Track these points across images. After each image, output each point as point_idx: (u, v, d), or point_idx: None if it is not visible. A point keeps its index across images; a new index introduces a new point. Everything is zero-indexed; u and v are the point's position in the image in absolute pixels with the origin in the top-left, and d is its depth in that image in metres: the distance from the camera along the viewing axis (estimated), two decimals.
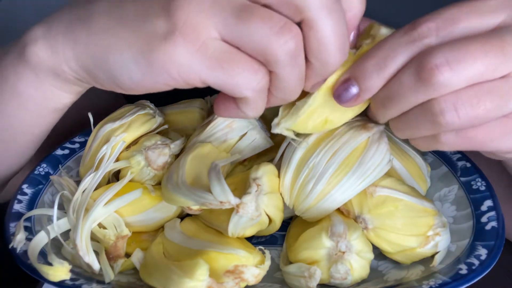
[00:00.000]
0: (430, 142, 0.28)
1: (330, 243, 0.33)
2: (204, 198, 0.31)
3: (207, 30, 0.24)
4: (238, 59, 0.25)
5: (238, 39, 0.25)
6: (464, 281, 0.31)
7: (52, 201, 0.40)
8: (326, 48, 0.25)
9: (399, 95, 0.26)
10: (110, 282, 0.34)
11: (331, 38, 0.25)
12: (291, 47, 0.24)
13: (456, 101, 0.25)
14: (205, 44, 0.24)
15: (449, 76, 0.24)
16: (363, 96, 0.28)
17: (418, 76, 0.25)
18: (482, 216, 0.36)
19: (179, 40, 0.24)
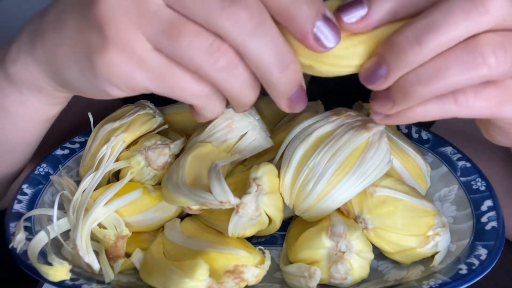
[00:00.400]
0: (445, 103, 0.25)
1: (330, 243, 0.33)
2: (204, 198, 0.31)
3: (140, 42, 0.24)
4: (177, 72, 0.25)
5: (171, 55, 0.24)
6: (464, 281, 0.31)
7: (52, 201, 0.40)
8: (262, 69, 0.24)
9: (444, 23, 0.22)
10: (110, 282, 0.34)
11: (263, 60, 0.24)
12: (222, 64, 0.24)
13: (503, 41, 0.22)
14: (142, 57, 0.24)
15: (505, 5, 0.22)
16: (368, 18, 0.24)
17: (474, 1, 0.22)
18: (482, 216, 0.36)
19: (114, 52, 0.24)
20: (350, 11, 0.24)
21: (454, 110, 0.25)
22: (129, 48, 0.24)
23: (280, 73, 0.24)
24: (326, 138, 0.36)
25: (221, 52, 0.23)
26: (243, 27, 0.23)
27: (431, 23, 0.22)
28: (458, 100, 0.24)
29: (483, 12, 0.22)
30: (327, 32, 0.24)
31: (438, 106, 0.25)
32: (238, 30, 0.23)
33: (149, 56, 0.24)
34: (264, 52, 0.23)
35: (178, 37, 0.23)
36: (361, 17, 0.24)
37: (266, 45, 0.23)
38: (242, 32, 0.23)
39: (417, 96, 0.24)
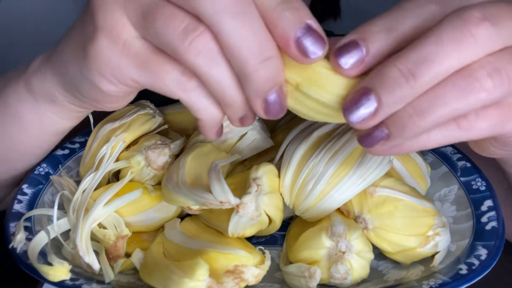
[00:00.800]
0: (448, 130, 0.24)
1: (330, 243, 0.33)
2: (204, 198, 0.31)
3: (126, 29, 0.24)
4: (162, 61, 0.24)
5: (151, 40, 0.24)
6: (464, 281, 0.31)
7: (52, 201, 0.40)
8: (237, 56, 0.22)
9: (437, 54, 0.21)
10: (110, 282, 0.34)
11: (239, 45, 0.22)
12: (199, 47, 0.22)
13: (496, 62, 0.22)
14: (127, 43, 0.24)
15: (492, 31, 0.21)
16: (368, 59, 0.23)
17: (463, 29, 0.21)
18: (482, 216, 0.36)
19: (102, 39, 0.25)
20: (347, 54, 0.23)
21: (458, 135, 0.24)
22: (115, 34, 0.24)
23: (257, 65, 0.22)
24: (326, 138, 0.36)
25: (196, 34, 0.22)
26: (218, 3, 0.21)
27: (424, 55, 0.22)
28: (461, 125, 0.23)
29: (472, 43, 0.21)
30: (310, 42, 0.22)
31: (441, 134, 0.24)
32: (212, 7, 0.21)
33: (134, 43, 0.24)
34: (240, 36, 0.22)
35: (155, 18, 0.23)
36: (360, 60, 0.23)
37: (243, 28, 0.22)
38: (217, 9, 0.21)
39: (417, 128, 0.23)
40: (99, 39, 0.25)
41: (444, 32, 0.22)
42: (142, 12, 0.24)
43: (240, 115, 0.26)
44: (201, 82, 0.24)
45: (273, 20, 0.22)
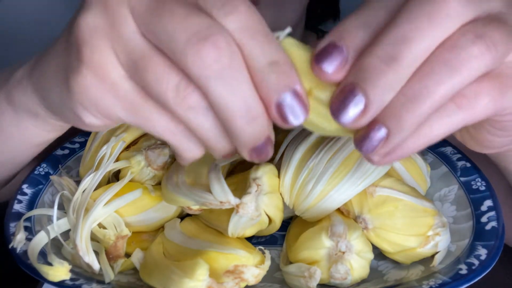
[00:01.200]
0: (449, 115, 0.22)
1: (330, 243, 0.33)
2: (204, 198, 0.31)
3: (114, 68, 0.23)
4: (151, 106, 0.24)
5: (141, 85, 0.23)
6: (464, 281, 0.31)
7: (52, 201, 0.40)
8: (225, 117, 0.22)
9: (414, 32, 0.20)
10: (110, 282, 0.34)
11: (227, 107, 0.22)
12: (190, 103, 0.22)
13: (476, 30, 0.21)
14: (115, 84, 0.23)
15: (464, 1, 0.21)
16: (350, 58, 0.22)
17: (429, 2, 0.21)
18: (482, 216, 0.36)
19: (87, 75, 0.23)
20: (328, 58, 0.22)
21: (461, 117, 0.22)
22: (103, 72, 0.23)
23: (244, 125, 0.22)
24: (326, 138, 0.36)
25: (187, 92, 0.22)
26: (207, 68, 0.21)
27: (400, 35, 0.20)
28: (461, 105, 0.22)
29: (445, 13, 0.21)
30: (291, 109, 0.22)
31: (443, 121, 0.22)
32: (202, 71, 0.21)
33: (123, 84, 0.23)
34: (229, 100, 0.21)
35: (147, 71, 0.22)
36: (343, 61, 0.22)
37: (232, 92, 0.21)
38: (206, 73, 0.21)
39: (415, 117, 0.21)
40: (85, 75, 0.23)
41: (414, 8, 0.21)
42: (132, 59, 0.23)
43: (224, 154, 0.26)
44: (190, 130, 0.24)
45: (258, 81, 0.22)
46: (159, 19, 0.22)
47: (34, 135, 0.35)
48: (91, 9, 0.23)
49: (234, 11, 0.21)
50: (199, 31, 0.21)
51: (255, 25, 0.22)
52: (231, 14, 0.21)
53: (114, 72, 0.23)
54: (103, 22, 0.23)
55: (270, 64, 0.22)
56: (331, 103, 0.22)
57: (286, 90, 0.22)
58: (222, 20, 0.21)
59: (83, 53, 0.23)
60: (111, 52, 0.23)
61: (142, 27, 0.22)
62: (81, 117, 0.25)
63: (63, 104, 0.27)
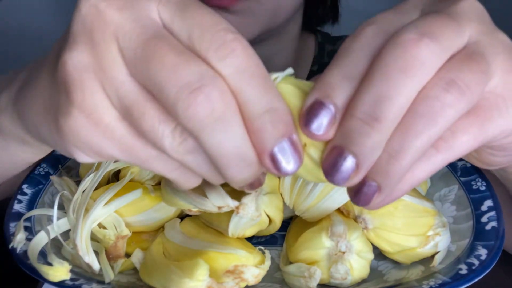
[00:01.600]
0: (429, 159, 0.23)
1: (330, 243, 0.33)
2: (202, 204, 0.31)
3: (107, 110, 0.22)
4: (147, 147, 0.23)
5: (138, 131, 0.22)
6: (464, 281, 0.31)
7: (52, 201, 0.40)
8: (219, 165, 0.22)
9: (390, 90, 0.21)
10: (110, 282, 0.34)
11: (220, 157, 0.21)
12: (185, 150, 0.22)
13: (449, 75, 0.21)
14: (110, 127, 0.23)
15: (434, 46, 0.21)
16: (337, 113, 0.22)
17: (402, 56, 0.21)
18: (482, 216, 0.36)
19: (79, 118, 0.22)
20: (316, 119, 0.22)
21: (440, 159, 0.22)
22: (96, 115, 0.22)
23: (237, 172, 0.22)
24: None
25: (183, 138, 0.22)
26: (200, 121, 0.20)
27: (378, 95, 0.21)
28: (439, 148, 0.22)
29: (419, 65, 0.21)
30: (285, 159, 0.22)
31: (425, 165, 0.22)
32: (194, 124, 0.20)
33: (117, 126, 0.23)
34: (223, 151, 0.21)
35: (141, 117, 0.22)
36: (331, 121, 0.22)
37: (226, 143, 0.21)
38: (198, 126, 0.20)
39: (400, 169, 0.21)
40: (76, 118, 0.22)
41: (389, 64, 0.21)
42: (126, 105, 0.22)
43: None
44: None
45: (253, 129, 0.21)
46: (149, 66, 0.21)
47: (23, 158, 0.34)
48: (77, 45, 0.22)
49: (231, 54, 0.21)
50: (190, 83, 0.20)
51: (252, 68, 0.21)
52: (227, 57, 0.21)
53: (107, 115, 0.22)
54: (92, 62, 0.22)
55: (266, 111, 0.21)
56: (323, 164, 0.22)
57: (281, 140, 0.21)
58: (217, 64, 0.21)
59: (73, 95, 0.22)
60: (102, 94, 0.22)
61: (134, 71, 0.21)
62: (74, 155, 0.25)
63: (53, 141, 0.26)
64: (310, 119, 0.22)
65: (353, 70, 0.22)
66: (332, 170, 0.22)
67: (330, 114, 0.22)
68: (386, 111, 0.21)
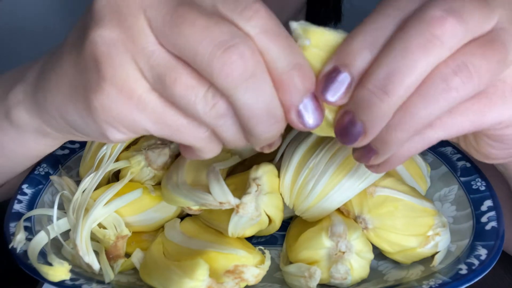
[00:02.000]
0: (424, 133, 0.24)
1: (330, 243, 0.33)
2: (204, 199, 0.31)
3: (140, 84, 0.23)
4: (178, 116, 0.23)
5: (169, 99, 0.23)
6: (464, 281, 0.31)
7: (52, 201, 0.40)
8: (249, 123, 0.23)
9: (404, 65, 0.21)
10: (110, 282, 0.34)
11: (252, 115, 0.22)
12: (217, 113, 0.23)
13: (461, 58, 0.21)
14: (142, 99, 0.23)
15: (458, 27, 0.21)
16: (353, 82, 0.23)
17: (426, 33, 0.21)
18: (482, 216, 0.36)
19: (112, 92, 0.23)
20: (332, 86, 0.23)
21: (435, 135, 0.23)
22: (128, 88, 0.23)
23: (265, 130, 0.23)
24: (326, 138, 0.36)
25: (215, 101, 0.22)
26: (234, 79, 0.21)
27: (393, 68, 0.21)
28: (434, 124, 0.23)
29: (439, 45, 0.21)
30: (310, 113, 0.23)
31: (420, 139, 0.24)
32: (229, 82, 0.21)
33: (149, 97, 0.23)
34: (254, 108, 0.22)
35: (173, 84, 0.22)
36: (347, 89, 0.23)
37: (257, 101, 0.22)
38: (233, 84, 0.21)
39: (397, 141, 0.23)
40: (108, 92, 0.23)
41: (409, 39, 0.21)
42: (157, 73, 0.22)
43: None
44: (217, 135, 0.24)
45: (282, 84, 0.22)
46: (180, 31, 0.21)
47: (37, 150, 0.34)
48: (104, 22, 0.22)
49: (255, 16, 0.21)
50: (222, 42, 0.21)
51: (275, 28, 0.22)
52: (252, 18, 0.21)
53: (139, 87, 0.23)
54: (121, 36, 0.22)
55: (293, 67, 0.22)
56: (335, 127, 0.24)
57: (308, 94, 0.23)
58: (243, 25, 0.21)
59: (104, 69, 0.22)
60: (133, 66, 0.22)
61: (163, 40, 0.22)
62: (106, 134, 0.25)
63: (84, 123, 0.26)
64: (327, 86, 0.23)
65: (376, 39, 0.22)
66: (342, 132, 0.23)
67: (347, 83, 0.22)
68: (397, 86, 0.21)
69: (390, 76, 0.21)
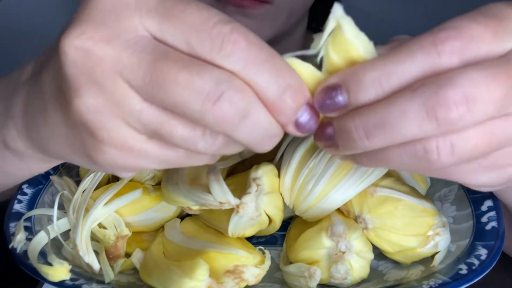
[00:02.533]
0: None
1: (330, 243, 0.33)
2: (204, 199, 0.31)
3: (135, 138, 0.23)
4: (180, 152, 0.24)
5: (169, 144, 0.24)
6: (464, 281, 0.31)
7: (52, 201, 0.40)
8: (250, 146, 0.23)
9: (395, 125, 0.21)
10: (110, 282, 0.34)
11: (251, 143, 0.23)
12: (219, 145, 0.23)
13: (456, 140, 0.22)
14: (143, 150, 0.23)
15: (464, 115, 0.21)
16: (349, 107, 0.23)
17: (430, 110, 0.21)
18: (482, 216, 0.36)
19: (112, 152, 0.23)
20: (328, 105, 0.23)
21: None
22: (126, 146, 0.23)
23: (266, 144, 0.23)
24: None
25: (215, 138, 0.23)
26: (230, 123, 0.21)
27: (383, 122, 0.22)
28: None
29: (436, 125, 0.21)
30: (307, 121, 0.23)
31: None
32: (224, 127, 0.21)
33: (149, 147, 0.23)
34: (253, 137, 0.22)
35: (170, 136, 0.22)
36: (339, 109, 0.23)
37: (255, 131, 0.22)
38: (229, 128, 0.21)
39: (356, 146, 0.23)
40: (109, 152, 0.23)
41: (414, 105, 0.21)
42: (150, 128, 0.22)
43: None
44: None
45: (276, 109, 0.22)
46: (165, 91, 0.21)
47: (38, 170, 0.34)
48: (83, 91, 0.22)
49: (235, 49, 0.21)
50: (210, 93, 0.20)
51: (259, 55, 0.21)
52: (233, 53, 0.21)
53: (137, 141, 0.23)
54: (105, 103, 0.22)
55: (284, 91, 0.22)
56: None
57: (303, 109, 0.23)
58: (225, 63, 0.21)
59: (98, 134, 0.22)
60: (126, 127, 0.22)
61: (148, 98, 0.22)
62: (114, 174, 0.26)
63: (89, 167, 0.27)
64: (322, 98, 0.23)
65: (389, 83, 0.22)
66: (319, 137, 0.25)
67: (342, 104, 0.23)
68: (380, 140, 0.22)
69: (379, 128, 0.22)
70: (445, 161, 0.22)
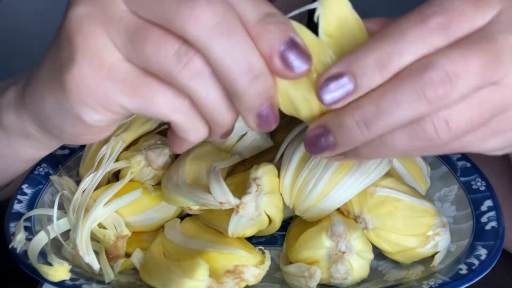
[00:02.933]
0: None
1: (330, 243, 0.33)
2: (204, 199, 0.31)
3: (110, 52, 0.23)
4: (153, 84, 0.23)
5: (140, 63, 0.23)
6: (464, 281, 0.31)
7: (52, 201, 0.40)
8: (227, 76, 0.22)
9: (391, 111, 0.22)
10: (110, 282, 0.34)
11: (227, 65, 0.21)
12: (192, 70, 0.22)
13: (448, 115, 0.22)
14: (113, 68, 0.23)
15: (451, 91, 0.22)
16: (356, 95, 0.23)
17: (420, 91, 0.22)
18: (482, 216, 0.36)
19: (83, 64, 0.23)
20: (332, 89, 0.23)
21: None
22: (99, 58, 0.23)
23: (247, 83, 0.22)
24: None
25: (188, 57, 0.22)
26: (204, 26, 0.21)
27: (380, 110, 0.22)
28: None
29: (426, 103, 0.22)
30: (295, 56, 0.22)
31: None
32: (198, 30, 0.21)
33: (121, 67, 0.23)
34: (229, 57, 0.21)
35: (144, 43, 0.22)
36: (345, 97, 0.23)
37: (231, 48, 0.21)
38: (203, 32, 0.21)
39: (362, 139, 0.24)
40: (80, 65, 0.23)
41: (404, 89, 0.22)
42: (127, 36, 0.22)
43: (225, 131, 0.26)
44: (194, 103, 0.24)
45: (257, 34, 0.22)
46: None
47: (25, 153, 0.34)
48: (78, 2, 0.23)
49: None
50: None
51: None
52: None
53: (111, 56, 0.23)
54: (92, 9, 0.23)
55: (265, 16, 0.22)
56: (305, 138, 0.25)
57: (287, 39, 0.22)
58: None
59: (76, 42, 0.23)
60: (105, 35, 0.23)
61: (132, 6, 0.22)
62: (81, 116, 0.25)
63: (59, 110, 0.26)
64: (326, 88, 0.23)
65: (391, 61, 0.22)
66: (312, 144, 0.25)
67: (347, 92, 0.23)
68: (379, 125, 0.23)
69: (376, 115, 0.22)
70: (444, 137, 0.23)
